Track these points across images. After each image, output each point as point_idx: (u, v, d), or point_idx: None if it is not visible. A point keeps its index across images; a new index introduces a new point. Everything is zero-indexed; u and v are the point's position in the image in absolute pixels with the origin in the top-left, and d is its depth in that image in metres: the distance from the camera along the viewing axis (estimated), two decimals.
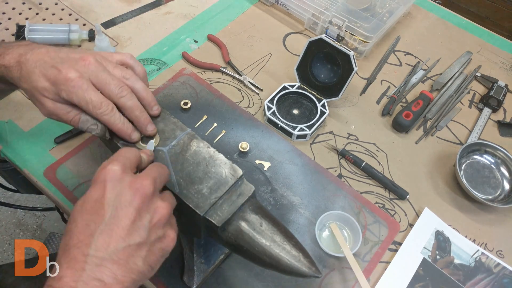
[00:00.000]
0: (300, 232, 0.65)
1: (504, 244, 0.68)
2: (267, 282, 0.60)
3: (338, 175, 0.73)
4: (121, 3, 0.95)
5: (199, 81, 0.82)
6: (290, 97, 0.81)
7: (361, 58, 0.93)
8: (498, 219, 0.71)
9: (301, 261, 0.45)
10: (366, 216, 0.68)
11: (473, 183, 0.74)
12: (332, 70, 0.80)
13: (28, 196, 1.60)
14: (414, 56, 0.96)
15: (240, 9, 0.99)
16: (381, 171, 0.74)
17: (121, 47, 0.87)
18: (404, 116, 0.79)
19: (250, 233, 0.45)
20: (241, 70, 0.86)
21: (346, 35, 0.89)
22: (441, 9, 1.09)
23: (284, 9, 1.00)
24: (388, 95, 0.87)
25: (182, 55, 0.86)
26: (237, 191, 0.48)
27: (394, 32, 1.00)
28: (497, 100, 0.86)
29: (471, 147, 0.77)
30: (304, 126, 0.75)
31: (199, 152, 0.49)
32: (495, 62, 0.97)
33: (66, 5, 0.93)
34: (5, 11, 0.90)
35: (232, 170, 0.48)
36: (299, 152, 0.74)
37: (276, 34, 0.95)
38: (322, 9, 0.92)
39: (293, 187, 0.70)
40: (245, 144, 0.72)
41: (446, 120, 0.84)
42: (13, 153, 0.69)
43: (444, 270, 0.64)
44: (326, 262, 0.63)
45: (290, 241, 0.46)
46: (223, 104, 0.79)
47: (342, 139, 0.78)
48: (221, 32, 0.93)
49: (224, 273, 0.60)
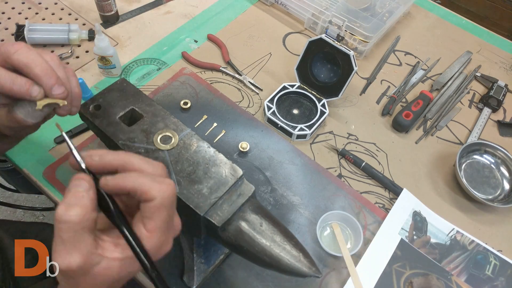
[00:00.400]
0: (300, 232, 0.65)
1: (504, 243, 0.68)
2: (267, 282, 0.60)
3: (338, 175, 0.73)
4: (121, 2, 0.95)
5: (199, 81, 0.82)
6: (290, 97, 0.81)
7: (361, 58, 0.93)
8: (498, 219, 0.71)
9: (301, 261, 0.45)
10: (366, 216, 0.68)
11: (473, 183, 0.74)
12: (332, 70, 0.80)
13: (28, 196, 1.60)
14: (414, 56, 0.96)
15: (240, 9, 0.99)
16: (381, 171, 0.74)
17: (120, 46, 0.87)
18: (404, 116, 0.79)
19: (250, 233, 0.45)
20: (241, 70, 0.86)
21: (346, 35, 0.89)
22: (441, 9, 1.09)
23: (284, 9, 1.00)
24: (388, 95, 0.87)
25: (182, 55, 0.86)
26: (237, 191, 0.48)
27: (394, 32, 1.00)
28: (497, 100, 0.86)
29: (471, 147, 0.77)
30: (304, 126, 0.75)
31: (199, 152, 0.49)
32: (495, 62, 0.97)
33: (65, 4, 0.93)
34: (5, 11, 0.90)
35: (232, 170, 0.48)
36: (299, 152, 0.74)
37: (276, 34, 0.95)
38: (322, 9, 0.92)
39: (293, 187, 0.70)
40: (245, 144, 0.72)
41: (446, 120, 0.84)
42: (12, 153, 0.69)
43: (421, 250, 0.65)
44: (327, 262, 0.63)
45: (290, 241, 0.46)
46: (223, 104, 0.79)
47: (342, 139, 0.78)
48: (221, 32, 0.93)
49: (224, 273, 0.60)
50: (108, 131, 0.51)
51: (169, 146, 0.49)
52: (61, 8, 0.92)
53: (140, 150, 0.49)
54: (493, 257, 0.66)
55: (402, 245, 0.65)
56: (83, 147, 0.70)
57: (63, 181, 0.66)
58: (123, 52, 0.86)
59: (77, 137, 0.71)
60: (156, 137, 0.50)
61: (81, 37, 0.84)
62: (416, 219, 0.68)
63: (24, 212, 1.58)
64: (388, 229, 0.67)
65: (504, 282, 0.64)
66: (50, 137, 0.70)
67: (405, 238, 0.66)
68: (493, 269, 0.65)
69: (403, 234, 0.67)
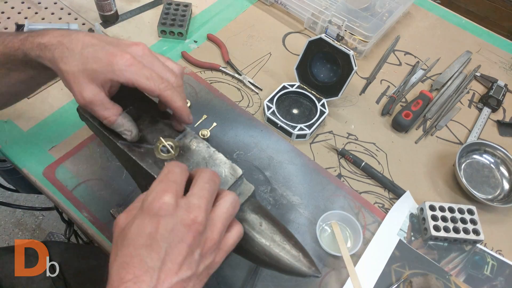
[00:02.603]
0: (299, 232, 0.65)
1: (504, 243, 0.68)
2: (267, 282, 0.60)
3: (337, 175, 0.73)
4: (120, 2, 0.95)
5: (198, 81, 0.82)
6: (289, 96, 0.81)
7: (360, 58, 0.93)
8: (497, 218, 0.71)
9: (301, 260, 0.44)
10: (365, 216, 0.68)
11: (473, 182, 0.74)
12: (332, 69, 0.80)
13: (27, 195, 1.60)
14: (413, 56, 0.96)
15: (240, 8, 0.99)
16: (381, 171, 0.74)
17: None
18: (404, 116, 0.79)
19: (249, 233, 0.45)
20: (241, 70, 0.86)
21: (346, 35, 0.89)
22: (441, 9, 1.09)
23: (283, 9, 1.00)
24: (388, 94, 0.87)
25: (182, 55, 0.86)
26: (236, 190, 0.47)
27: (394, 32, 1.00)
28: (496, 99, 0.86)
29: (470, 146, 0.77)
30: (303, 125, 0.75)
31: (198, 152, 0.49)
32: (495, 61, 0.97)
33: (65, 4, 0.93)
34: (4, 10, 0.90)
35: (232, 169, 0.48)
36: (299, 152, 0.74)
37: (276, 33, 0.95)
38: (321, 8, 0.92)
39: (293, 187, 0.70)
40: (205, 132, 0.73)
41: (445, 119, 0.84)
42: (12, 153, 0.68)
43: (419, 250, 0.66)
44: (326, 261, 0.63)
45: (290, 240, 0.46)
46: (223, 103, 0.79)
47: (341, 138, 0.78)
48: (220, 31, 0.93)
49: (224, 273, 0.60)
50: (108, 131, 0.50)
51: (169, 156, 0.49)
52: (61, 7, 0.92)
53: (140, 150, 0.49)
54: (490, 257, 0.66)
55: (401, 246, 0.65)
56: (83, 147, 0.70)
57: (62, 180, 0.66)
58: None
59: (76, 137, 0.71)
60: (157, 147, 0.49)
61: None
62: (413, 221, 0.69)
63: (23, 212, 1.58)
64: (387, 230, 0.67)
65: (504, 282, 0.64)
66: (49, 136, 0.70)
67: (403, 239, 0.66)
68: (491, 269, 0.65)
69: (401, 235, 0.67)
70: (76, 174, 0.67)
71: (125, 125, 0.46)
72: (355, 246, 0.63)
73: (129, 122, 0.47)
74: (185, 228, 0.36)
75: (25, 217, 1.58)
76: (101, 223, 0.62)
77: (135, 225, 0.36)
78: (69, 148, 0.70)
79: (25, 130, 0.71)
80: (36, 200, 1.60)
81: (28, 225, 1.56)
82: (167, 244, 0.35)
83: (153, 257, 0.34)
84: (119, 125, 0.46)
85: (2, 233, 1.53)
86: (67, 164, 0.68)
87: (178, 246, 0.35)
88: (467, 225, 0.66)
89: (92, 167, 0.68)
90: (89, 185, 0.66)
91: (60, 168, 0.67)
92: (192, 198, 0.38)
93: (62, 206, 0.65)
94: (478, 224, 0.66)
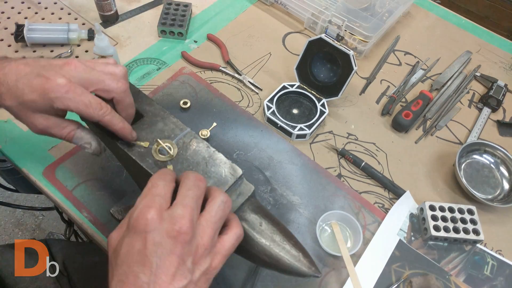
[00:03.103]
0: (299, 232, 0.65)
1: (504, 243, 0.68)
2: (267, 282, 0.60)
3: (337, 175, 0.73)
4: (120, 2, 0.95)
5: (198, 81, 0.82)
6: (289, 96, 0.81)
7: (360, 58, 0.93)
8: (497, 218, 0.71)
9: (301, 260, 0.45)
10: (365, 216, 0.68)
11: (473, 182, 0.74)
12: (332, 69, 0.80)
13: (27, 195, 1.60)
14: (413, 56, 0.96)
15: (240, 8, 0.99)
16: (381, 171, 0.74)
17: (120, 46, 0.87)
18: (404, 116, 0.79)
19: (250, 233, 0.45)
20: (241, 70, 0.86)
21: (346, 35, 0.89)
22: (441, 9, 1.09)
23: (283, 9, 1.00)
24: (388, 94, 0.87)
25: (182, 55, 0.86)
26: (236, 190, 0.47)
27: (394, 32, 1.00)
28: (496, 99, 0.86)
29: (470, 146, 0.77)
30: (303, 125, 0.75)
31: (198, 152, 0.49)
32: (495, 61, 0.97)
33: (65, 4, 0.93)
34: (4, 10, 0.90)
35: (232, 169, 0.48)
36: (299, 152, 0.74)
37: (276, 33, 0.95)
38: (321, 8, 0.92)
39: (293, 187, 0.70)
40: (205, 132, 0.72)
41: (445, 119, 0.84)
42: (12, 153, 0.68)
43: (419, 251, 0.66)
44: (326, 261, 0.63)
45: (290, 240, 0.46)
46: (223, 103, 0.79)
47: (341, 138, 0.78)
48: (220, 31, 0.93)
49: (224, 273, 0.60)
50: (107, 131, 0.50)
51: (168, 158, 0.49)
52: (61, 7, 0.92)
53: (140, 150, 0.49)
54: (490, 257, 0.66)
55: (401, 246, 0.65)
56: None
57: (62, 181, 0.66)
58: (122, 51, 0.86)
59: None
60: (155, 149, 0.49)
61: (80, 36, 0.84)
62: (413, 221, 0.69)
63: (23, 212, 1.58)
64: (387, 230, 0.67)
65: (504, 282, 0.64)
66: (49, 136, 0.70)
67: (403, 239, 0.66)
68: (491, 269, 0.65)
69: (401, 235, 0.67)
70: (76, 174, 0.67)
71: (84, 138, 0.47)
72: (355, 246, 0.63)
73: (88, 135, 0.48)
74: (172, 240, 0.36)
75: (25, 217, 1.58)
76: (101, 223, 0.62)
77: (125, 244, 0.37)
78: (69, 148, 0.69)
79: (25, 130, 0.71)
80: (36, 200, 1.60)
81: (28, 225, 1.56)
82: (157, 258, 0.35)
83: (146, 272, 0.35)
84: (78, 139, 0.47)
85: (2, 233, 1.53)
86: (67, 164, 0.68)
87: (168, 258, 0.36)
88: (467, 225, 0.66)
89: (92, 167, 0.68)
90: (89, 185, 0.66)
91: (60, 168, 0.67)
92: (175, 209, 0.38)
93: (62, 206, 0.65)
94: (478, 224, 0.66)
